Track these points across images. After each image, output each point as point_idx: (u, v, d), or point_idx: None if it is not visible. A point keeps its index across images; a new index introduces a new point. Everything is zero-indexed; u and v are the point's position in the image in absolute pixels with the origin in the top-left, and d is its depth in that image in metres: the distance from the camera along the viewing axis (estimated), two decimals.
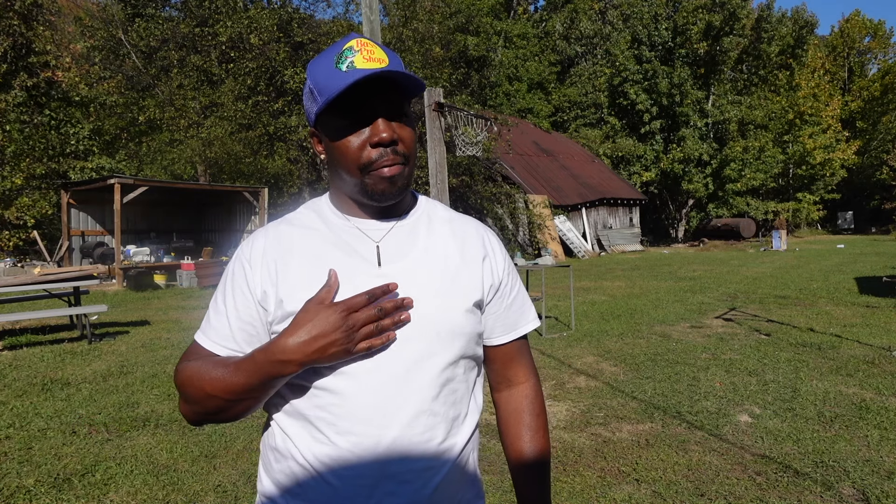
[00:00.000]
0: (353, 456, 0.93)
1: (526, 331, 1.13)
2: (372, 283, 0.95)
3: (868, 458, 3.41)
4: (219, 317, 1.00)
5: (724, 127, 31.55)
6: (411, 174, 1.00)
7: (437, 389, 0.97)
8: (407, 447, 0.94)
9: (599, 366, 5.69)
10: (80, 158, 19.54)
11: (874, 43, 44.88)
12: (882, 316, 7.88)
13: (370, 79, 0.91)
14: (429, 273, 1.00)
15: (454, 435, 0.99)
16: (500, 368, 1.12)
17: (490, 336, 1.09)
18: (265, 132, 18.63)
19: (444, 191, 7.09)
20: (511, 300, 1.10)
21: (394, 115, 0.95)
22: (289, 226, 1.04)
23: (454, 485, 1.00)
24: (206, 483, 3.27)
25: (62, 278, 7.95)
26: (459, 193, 18.51)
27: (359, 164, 0.95)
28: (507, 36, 35.95)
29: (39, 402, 4.82)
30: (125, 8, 21.54)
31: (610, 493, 3.08)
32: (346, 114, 0.94)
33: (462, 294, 1.01)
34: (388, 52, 0.96)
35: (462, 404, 1.02)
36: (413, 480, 0.94)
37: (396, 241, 1.01)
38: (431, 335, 0.96)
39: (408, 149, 0.97)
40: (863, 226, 38.59)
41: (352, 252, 0.99)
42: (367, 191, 0.97)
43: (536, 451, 1.10)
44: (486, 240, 1.10)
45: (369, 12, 5.94)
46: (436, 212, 1.10)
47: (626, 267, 17.38)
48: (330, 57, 0.95)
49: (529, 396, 1.13)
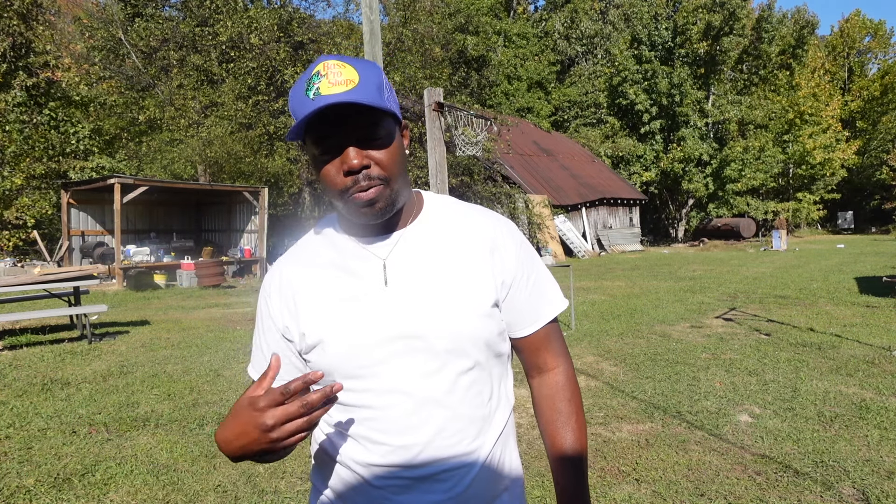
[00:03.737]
0: (389, 463, 0.98)
1: (550, 317, 1.10)
2: (379, 305, 0.98)
3: (868, 457, 3.41)
4: (257, 351, 1.10)
5: (724, 127, 31.55)
6: (396, 190, 0.97)
7: (462, 394, 0.99)
8: (437, 452, 0.97)
9: (599, 365, 5.69)
10: (80, 158, 19.53)
11: (874, 43, 44.86)
12: (882, 316, 7.88)
13: (332, 107, 0.90)
14: (438, 284, 1.00)
15: (484, 433, 1.01)
16: (530, 357, 1.12)
17: (514, 329, 1.08)
18: (265, 132, 18.63)
19: (444, 191, 7.10)
20: (530, 289, 1.07)
21: (365, 139, 0.93)
22: (296, 264, 1.07)
23: (488, 479, 1.02)
24: (206, 483, 3.27)
25: (62, 278, 7.95)
26: (459, 193, 18.51)
27: (338, 191, 0.95)
28: (506, 35, 35.95)
29: (39, 401, 4.82)
30: (125, 8, 21.53)
31: (610, 493, 3.08)
32: (318, 142, 0.94)
33: (475, 300, 1.00)
34: (360, 69, 0.93)
35: (490, 402, 1.03)
36: (447, 479, 0.98)
37: (403, 254, 1.01)
38: (449, 345, 0.98)
39: (385, 170, 0.95)
40: (863, 226, 38.57)
41: (359, 276, 1.01)
42: (351, 214, 0.98)
43: (570, 438, 1.09)
44: (497, 232, 1.07)
45: (369, 12, 5.94)
46: (445, 213, 1.08)
47: (626, 267, 17.38)
48: (303, 82, 0.94)
49: (560, 382, 1.11)
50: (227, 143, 17.44)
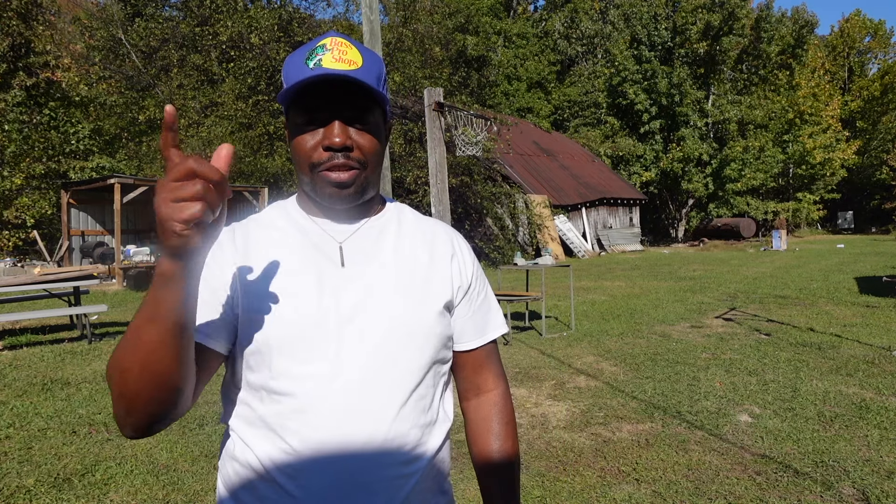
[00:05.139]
0: (316, 465, 0.88)
1: (495, 335, 1.11)
2: (333, 283, 0.93)
3: (868, 457, 3.41)
4: None
5: (723, 127, 31.55)
6: (369, 179, 0.97)
7: (407, 394, 0.93)
8: (375, 454, 0.90)
9: (599, 365, 5.69)
10: (80, 158, 19.52)
11: (874, 43, 44.87)
12: (882, 316, 7.88)
13: (330, 79, 0.89)
14: (397, 274, 0.98)
15: (424, 443, 0.96)
16: (470, 375, 1.09)
17: (460, 340, 1.07)
18: (265, 131, 18.63)
19: (444, 191, 7.09)
20: (480, 303, 1.09)
21: (353, 120, 0.93)
22: (255, 224, 1.01)
23: (425, 494, 0.96)
24: (206, 483, 3.27)
25: (62, 278, 7.95)
26: (459, 193, 18.49)
27: (309, 163, 0.93)
28: (506, 35, 35.95)
29: (39, 401, 4.82)
30: (125, 8, 21.53)
31: (610, 492, 3.08)
32: (305, 111, 0.92)
33: (432, 295, 1.00)
34: (365, 55, 0.94)
35: (432, 411, 0.99)
36: (382, 491, 0.89)
37: (362, 242, 1.00)
38: (402, 336, 0.94)
39: (364, 155, 0.94)
40: (863, 226, 38.58)
41: (315, 251, 0.97)
42: (317, 191, 0.95)
43: (505, 459, 1.06)
44: (455, 241, 1.09)
45: (369, 12, 5.94)
46: (405, 215, 1.08)
47: (626, 267, 17.38)
48: (304, 51, 0.93)
49: (499, 404, 1.10)
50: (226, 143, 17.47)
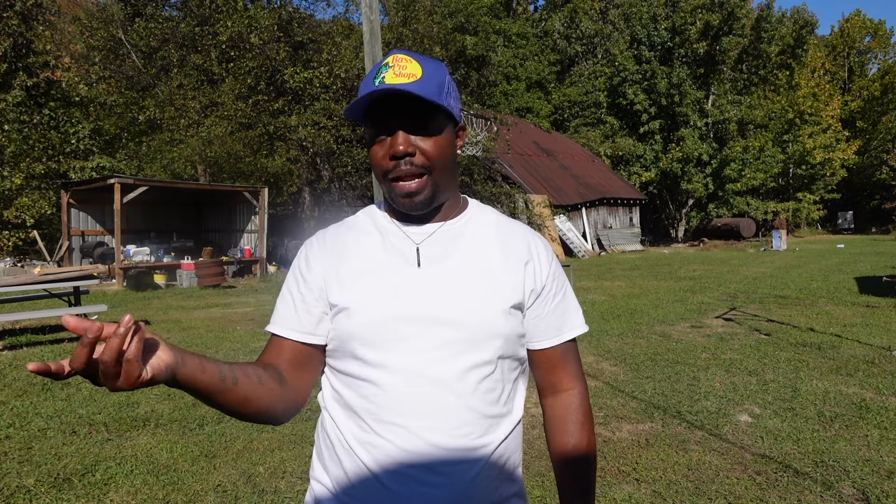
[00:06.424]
0: (392, 446, 0.98)
1: (571, 336, 1.13)
2: (409, 283, 1.03)
3: (868, 457, 3.41)
4: (285, 305, 1.09)
5: (723, 127, 31.55)
6: (439, 183, 1.04)
7: (474, 386, 1.00)
8: (443, 440, 0.98)
9: (599, 365, 5.69)
10: (80, 158, 19.50)
11: (874, 43, 44.87)
12: (882, 316, 7.88)
13: (389, 93, 0.98)
14: (468, 274, 1.04)
15: (491, 432, 1.02)
16: (545, 374, 1.13)
17: (533, 339, 1.11)
18: (265, 131, 18.61)
19: None
20: (555, 304, 1.11)
21: (414, 127, 1.01)
22: (346, 227, 1.14)
23: (492, 480, 1.02)
24: (206, 483, 3.27)
25: (62, 278, 7.95)
26: None
27: (382, 172, 1.03)
28: (506, 35, 35.93)
29: (39, 401, 4.81)
30: (125, 8, 21.51)
31: (610, 492, 3.08)
32: (373, 125, 1.03)
33: (501, 295, 1.04)
34: (426, 66, 1.01)
35: (501, 404, 1.04)
36: (450, 472, 0.97)
37: (438, 244, 1.07)
38: (468, 334, 1.00)
39: (429, 160, 1.01)
40: (863, 226, 38.58)
41: (395, 253, 1.06)
42: (392, 199, 1.05)
43: (577, 458, 1.10)
44: (532, 244, 1.12)
45: (369, 12, 5.93)
46: (485, 217, 1.14)
47: (626, 267, 17.38)
48: (374, 69, 1.03)
49: (573, 404, 1.13)
50: (226, 143, 17.43)
